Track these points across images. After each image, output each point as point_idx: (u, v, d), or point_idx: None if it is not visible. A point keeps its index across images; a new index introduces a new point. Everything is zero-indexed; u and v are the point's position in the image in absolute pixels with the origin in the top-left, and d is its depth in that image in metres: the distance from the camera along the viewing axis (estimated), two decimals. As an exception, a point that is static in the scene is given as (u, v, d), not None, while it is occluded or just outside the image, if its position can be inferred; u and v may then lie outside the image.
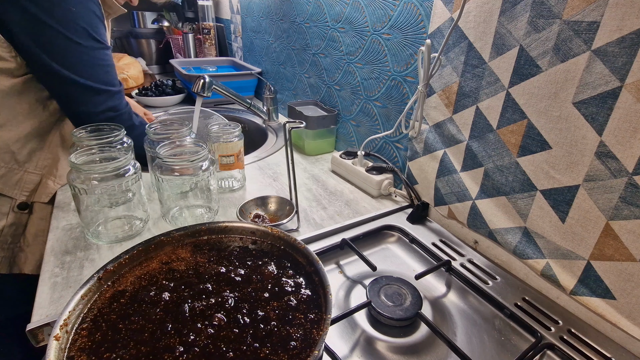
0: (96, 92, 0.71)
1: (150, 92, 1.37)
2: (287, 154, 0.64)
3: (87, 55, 0.68)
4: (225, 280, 0.41)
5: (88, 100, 0.71)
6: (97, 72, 0.70)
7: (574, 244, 0.49)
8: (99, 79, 0.70)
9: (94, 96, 0.71)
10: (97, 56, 0.70)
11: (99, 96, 0.71)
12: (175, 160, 0.59)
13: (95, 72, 0.70)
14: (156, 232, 0.59)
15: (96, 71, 0.70)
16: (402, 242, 0.67)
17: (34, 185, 0.74)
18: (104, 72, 0.71)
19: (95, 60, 0.69)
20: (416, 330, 0.49)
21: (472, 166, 0.60)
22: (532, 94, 0.49)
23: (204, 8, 1.68)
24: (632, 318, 0.45)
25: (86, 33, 0.66)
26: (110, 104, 0.73)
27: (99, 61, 0.70)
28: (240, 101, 1.09)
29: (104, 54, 0.71)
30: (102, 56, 0.70)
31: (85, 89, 0.69)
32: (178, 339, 0.34)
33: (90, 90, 0.70)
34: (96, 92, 0.71)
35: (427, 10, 0.64)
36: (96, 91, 0.71)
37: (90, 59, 0.69)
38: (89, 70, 0.69)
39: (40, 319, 0.46)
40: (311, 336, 0.35)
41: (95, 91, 0.70)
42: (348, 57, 0.88)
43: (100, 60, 0.70)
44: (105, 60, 0.72)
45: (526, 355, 0.44)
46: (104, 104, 0.72)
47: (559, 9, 0.44)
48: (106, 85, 0.72)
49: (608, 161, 0.43)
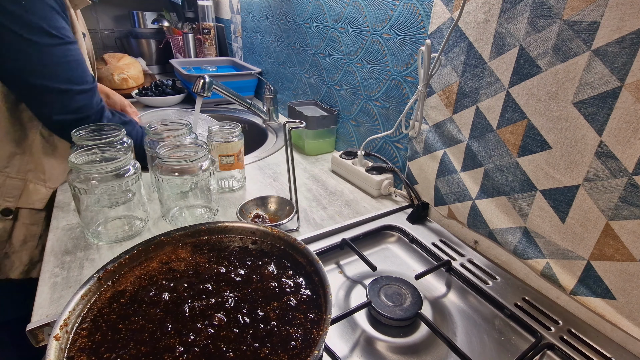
0: (59, 93, 0.65)
1: (150, 92, 1.37)
2: (287, 154, 0.64)
3: (43, 53, 0.62)
4: (225, 280, 0.41)
5: (52, 101, 0.65)
6: (56, 71, 0.64)
7: (574, 244, 0.49)
8: (59, 78, 0.65)
9: (57, 97, 0.65)
10: (56, 53, 0.64)
11: (62, 96, 0.66)
12: (175, 160, 0.59)
13: (55, 71, 0.64)
14: (156, 232, 0.59)
15: (56, 70, 0.64)
16: (402, 242, 0.67)
17: (18, 191, 0.72)
18: (66, 70, 0.65)
19: (54, 57, 0.64)
20: (416, 330, 0.49)
21: (472, 166, 0.60)
22: (532, 94, 0.49)
23: (204, 8, 1.68)
24: (632, 318, 0.45)
25: (39, 29, 0.61)
26: (76, 104, 0.67)
27: (59, 58, 0.64)
28: (240, 101, 1.09)
29: (66, 50, 0.65)
30: (61, 52, 0.65)
31: (45, 90, 0.64)
32: (178, 339, 0.34)
33: (51, 91, 0.64)
34: (58, 92, 0.65)
35: (427, 10, 0.64)
36: (58, 91, 0.65)
37: (47, 57, 0.63)
38: (46, 69, 0.63)
39: (40, 319, 0.46)
40: (311, 336, 0.35)
41: (57, 91, 0.65)
42: (348, 57, 0.88)
43: (61, 58, 0.65)
44: (67, 57, 0.65)
45: (526, 355, 0.44)
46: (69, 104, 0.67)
47: (559, 9, 0.44)
48: (70, 83, 0.66)
49: (608, 161, 0.43)
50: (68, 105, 0.67)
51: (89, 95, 0.70)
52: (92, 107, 0.70)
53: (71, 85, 0.66)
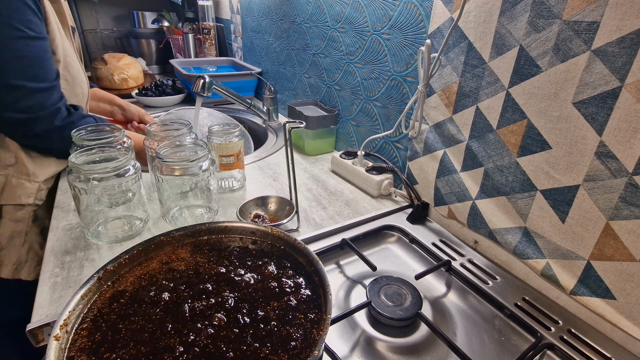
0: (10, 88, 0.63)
1: (150, 92, 1.37)
2: (287, 154, 0.64)
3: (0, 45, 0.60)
4: (225, 280, 0.41)
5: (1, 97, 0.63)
6: (11, 65, 0.62)
7: (574, 244, 0.49)
8: (12, 73, 0.62)
9: (8, 93, 0.63)
10: (15, 46, 0.62)
11: (14, 93, 0.63)
12: (175, 160, 0.59)
13: (9, 65, 0.62)
14: (156, 232, 0.59)
15: (10, 64, 0.62)
16: (402, 242, 0.67)
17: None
18: (22, 65, 0.63)
19: (12, 51, 0.62)
20: (416, 330, 0.49)
21: (472, 166, 0.60)
22: (532, 94, 0.49)
23: (204, 8, 1.68)
24: (632, 318, 0.45)
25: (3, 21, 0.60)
26: (27, 102, 0.65)
27: (16, 52, 0.62)
28: (240, 101, 1.10)
29: (25, 45, 0.63)
30: (20, 46, 0.62)
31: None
32: (178, 339, 0.34)
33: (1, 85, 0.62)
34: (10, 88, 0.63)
35: (427, 10, 0.64)
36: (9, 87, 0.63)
37: (4, 50, 0.61)
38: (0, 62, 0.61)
39: (40, 319, 0.46)
40: (311, 336, 0.35)
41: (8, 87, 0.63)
42: (348, 57, 0.88)
43: (17, 52, 0.62)
44: (26, 52, 0.63)
45: (526, 355, 0.44)
46: (19, 102, 0.64)
47: (559, 9, 0.44)
48: (23, 80, 0.63)
49: (608, 161, 0.43)
50: (17, 102, 0.64)
51: (45, 94, 0.67)
52: (45, 107, 0.67)
53: (25, 82, 0.64)
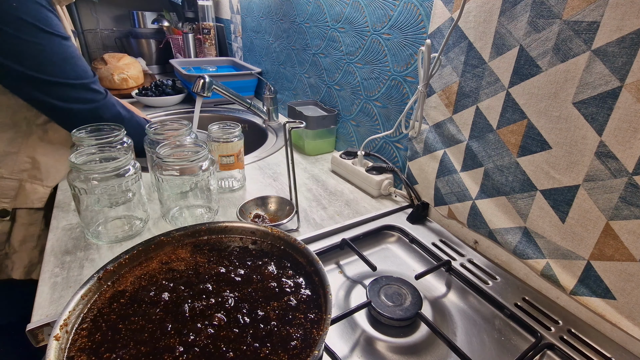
0: (68, 87, 0.67)
1: (150, 92, 1.37)
2: (287, 154, 0.64)
3: (43, 52, 0.64)
4: (225, 280, 0.41)
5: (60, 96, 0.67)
6: (58, 67, 0.66)
7: (574, 244, 0.49)
8: (64, 74, 0.66)
9: (66, 92, 0.67)
10: (55, 50, 0.65)
11: (71, 91, 0.67)
12: (175, 160, 0.59)
13: (57, 68, 0.65)
14: (156, 232, 0.59)
15: (59, 66, 0.66)
16: (402, 242, 0.67)
17: (13, 192, 0.72)
18: (68, 65, 0.67)
19: (55, 55, 0.65)
20: (416, 330, 0.49)
21: (472, 166, 0.60)
22: (532, 94, 0.49)
23: (204, 8, 1.68)
24: (632, 318, 0.45)
25: (35, 28, 0.62)
26: (85, 95, 0.69)
27: (59, 54, 0.66)
28: (240, 101, 1.09)
29: (64, 46, 0.66)
30: (60, 49, 0.66)
31: (52, 86, 0.65)
32: (178, 339, 0.34)
33: (59, 86, 0.66)
34: (67, 87, 0.67)
35: (427, 10, 0.64)
36: (67, 86, 0.67)
37: (48, 55, 0.64)
38: (50, 67, 0.65)
39: (40, 319, 0.46)
40: (311, 336, 0.35)
41: (66, 86, 0.66)
42: (348, 57, 0.88)
43: (61, 54, 0.66)
44: (65, 53, 0.67)
45: (526, 355, 0.44)
46: (77, 97, 0.68)
47: (559, 9, 0.44)
48: (76, 79, 0.68)
49: (608, 161, 0.43)
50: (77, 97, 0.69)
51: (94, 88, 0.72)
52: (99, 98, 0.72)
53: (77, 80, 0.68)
